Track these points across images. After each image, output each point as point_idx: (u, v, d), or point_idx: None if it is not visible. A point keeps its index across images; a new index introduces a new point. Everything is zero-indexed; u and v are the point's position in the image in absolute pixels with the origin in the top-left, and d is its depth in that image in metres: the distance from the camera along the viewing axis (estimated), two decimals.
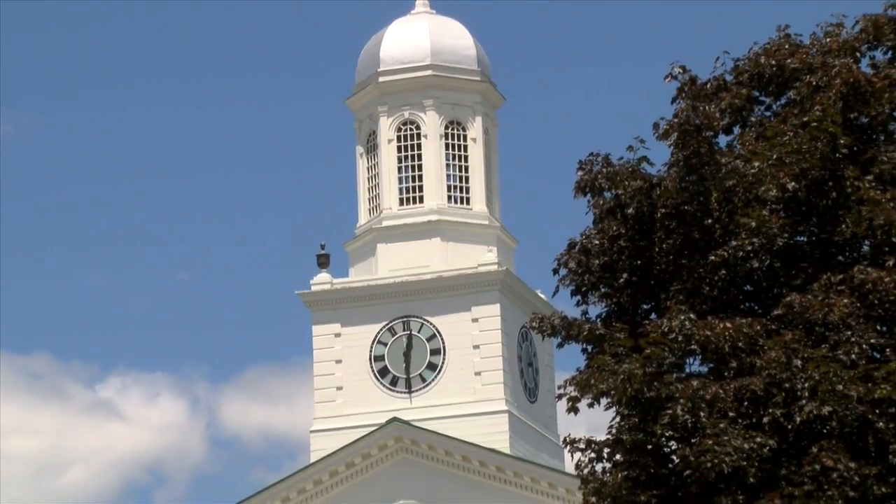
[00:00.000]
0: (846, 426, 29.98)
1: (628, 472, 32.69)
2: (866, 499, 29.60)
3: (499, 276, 73.77)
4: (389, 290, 74.51)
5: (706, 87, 35.07)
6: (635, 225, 34.19)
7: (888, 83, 33.84)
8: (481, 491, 69.58)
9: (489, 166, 78.27)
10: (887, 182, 32.63)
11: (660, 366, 31.59)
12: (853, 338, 30.81)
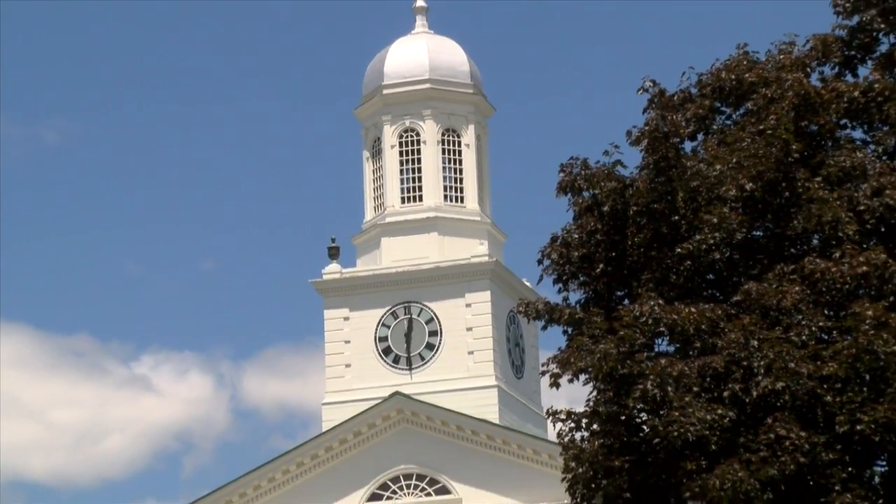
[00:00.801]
0: (797, 399, 29.93)
1: (604, 440, 32.65)
2: (815, 464, 29.55)
3: (489, 267, 73.76)
4: (392, 279, 74.45)
5: (673, 99, 35.01)
6: (610, 221, 34.15)
7: (835, 95, 33.82)
8: (473, 457, 69.49)
9: (481, 169, 78.28)
10: (834, 183, 32.58)
11: (632, 346, 31.60)
12: (804, 321, 30.81)
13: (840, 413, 29.81)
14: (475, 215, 76.90)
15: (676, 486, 30.65)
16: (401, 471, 70.41)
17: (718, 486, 29.40)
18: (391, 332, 74.18)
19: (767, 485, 29.40)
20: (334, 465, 71.05)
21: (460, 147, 77.58)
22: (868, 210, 32.12)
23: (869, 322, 30.03)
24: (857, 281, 30.97)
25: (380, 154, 77.67)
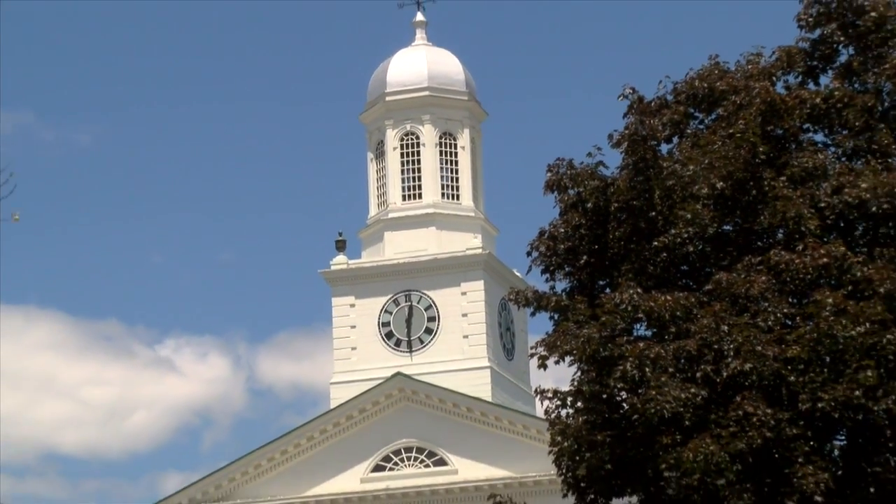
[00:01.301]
0: (764, 379, 29.94)
1: (587, 416, 32.65)
2: (780, 438, 29.57)
3: (482, 258, 73.76)
4: (394, 269, 74.44)
5: (651, 105, 35.02)
6: (593, 217, 34.17)
7: (799, 102, 33.84)
8: (468, 432, 69.46)
9: (475, 169, 78.29)
10: (797, 182, 32.62)
11: (613, 331, 31.63)
12: (769, 308, 30.84)
13: (803, 392, 29.81)
14: (470, 211, 76.94)
15: (653, 459, 30.64)
16: (402, 444, 70.40)
17: (692, 459, 29.42)
18: (393, 317, 74.23)
19: (736, 457, 29.41)
20: (341, 440, 71.05)
21: (456, 149, 77.59)
22: (828, 207, 32.14)
23: (829, 309, 30.05)
24: (818, 271, 30.98)
25: (383, 155, 77.69)
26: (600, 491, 33.31)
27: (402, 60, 78.91)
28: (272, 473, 71.32)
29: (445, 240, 75.30)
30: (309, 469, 71.05)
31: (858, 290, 30.69)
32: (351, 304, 75.08)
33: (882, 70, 34.12)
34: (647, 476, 31.39)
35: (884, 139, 33.62)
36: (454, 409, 69.97)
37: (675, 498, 30.46)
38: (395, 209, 76.48)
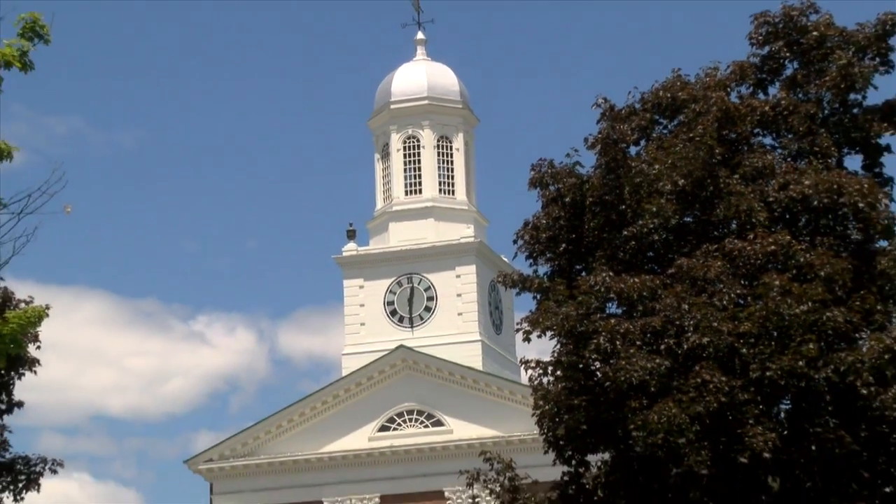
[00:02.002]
0: (719, 351, 30.00)
1: (565, 383, 32.74)
2: (733, 403, 29.64)
3: (475, 246, 73.73)
4: (398, 255, 74.42)
5: (621, 113, 35.06)
6: (571, 209, 34.23)
7: (750, 109, 33.97)
8: (462, 397, 69.47)
9: (468, 168, 78.22)
10: (749, 179, 32.73)
11: (588, 309, 31.67)
12: (724, 289, 30.89)
13: (753, 362, 29.88)
14: (463, 205, 76.87)
15: (623, 420, 30.71)
16: (404, 407, 70.42)
17: (656, 420, 29.50)
18: (397, 297, 74.23)
19: (695, 419, 29.48)
20: (351, 403, 71.08)
21: (452, 151, 77.58)
22: (776, 201, 32.22)
23: (776, 290, 30.12)
24: (766, 257, 31.05)
25: (388, 156, 77.66)
26: (577, 448, 33.40)
27: (405, 73, 78.88)
28: (291, 433, 71.37)
29: (442, 230, 75.29)
30: (323, 429, 71.10)
31: (802, 273, 30.78)
32: (360, 285, 75.07)
33: (823, 82, 34.18)
34: (618, 435, 31.46)
35: (824, 142, 33.70)
36: (450, 376, 70.01)
37: (642, 454, 30.54)
38: (398, 203, 76.45)
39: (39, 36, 17.81)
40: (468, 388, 69.84)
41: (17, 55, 17.64)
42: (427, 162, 77.02)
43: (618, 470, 32.49)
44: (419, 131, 77.31)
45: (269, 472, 70.93)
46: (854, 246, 32.72)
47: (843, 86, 34.09)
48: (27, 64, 17.81)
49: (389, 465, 69.66)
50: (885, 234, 32.96)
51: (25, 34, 17.74)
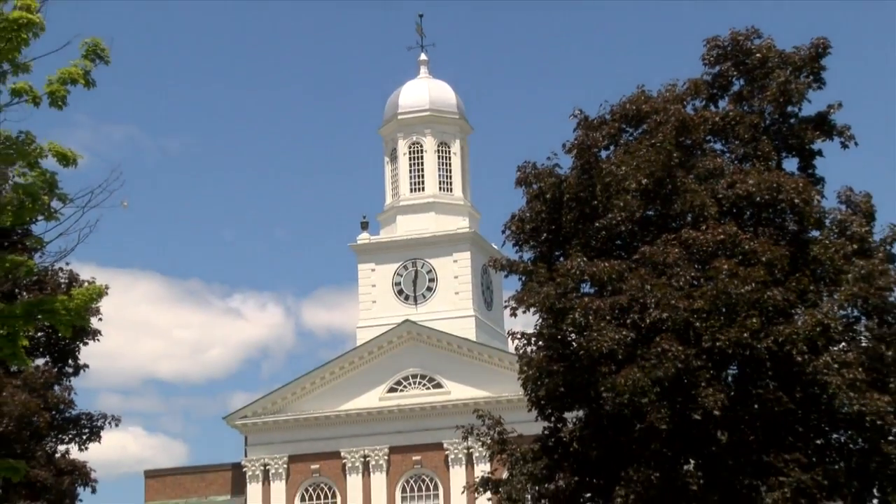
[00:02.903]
0: (676, 325, 30.01)
1: (546, 352, 32.75)
2: (688, 369, 29.69)
3: (469, 236, 73.78)
4: (404, 243, 74.45)
5: (593, 122, 35.01)
6: (551, 205, 34.20)
7: (703, 119, 33.94)
8: (458, 363, 69.50)
9: (464, 169, 78.29)
10: (702, 179, 32.75)
11: (565, 289, 31.66)
12: (681, 272, 30.87)
13: (705, 334, 29.90)
14: (460, 200, 76.94)
15: (595, 383, 30.74)
16: (409, 372, 70.46)
17: (623, 383, 29.53)
18: (403, 279, 74.27)
19: (656, 382, 29.51)
20: (364, 369, 71.11)
21: (450, 154, 77.68)
22: (725, 197, 32.24)
23: (725, 273, 30.13)
24: (716, 245, 31.06)
25: (395, 159, 77.74)
26: (555, 407, 33.45)
27: (410, 89, 78.94)
28: (314, 393, 71.43)
29: (442, 221, 75.38)
30: (341, 390, 71.16)
31: (746, 259, 30.80)
32: (372, 268, 75.14)
33: (764, 96, 34.22)
34: (590, 396, 31.49)
35: (766, 148, 33.73)
36: (448, 346, 70.05)
37: (611, 412, 30.61)
38: (404, 199, 76.54)
39: (100, 57, 17.80)
40: (464, 355, 69.91)
41: (82, 74, 17.62)
42: (429, 164, 77.24)
43: (590, 425, 32.51)
44: (422, 138, 77.51)
45: (294, 426, 71.00)
46: (791, 235, 32.75)
47: (782, 100, 34.13)
48: (90, 81, 17.78)
49: (397, 421, 69.73)
50: (817, 225, 33.02)
51: (88, 56, 17.71)
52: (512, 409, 49.81)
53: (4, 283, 33.07)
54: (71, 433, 39.27)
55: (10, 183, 18.82)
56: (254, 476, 71.01)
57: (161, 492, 74.37)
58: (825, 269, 31.95)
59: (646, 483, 29.98)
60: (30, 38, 16.77)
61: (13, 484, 32.96)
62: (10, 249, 32.58)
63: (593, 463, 32.56)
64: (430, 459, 69.10)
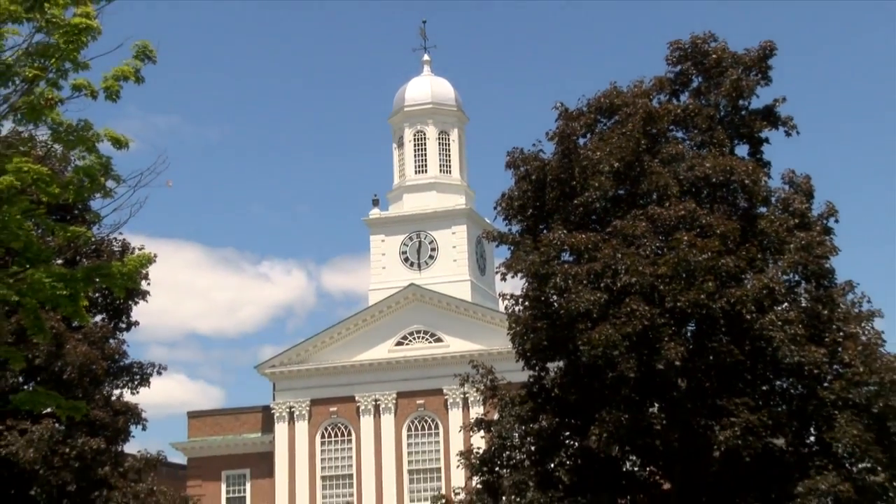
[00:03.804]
0: (643, 288, 30.06)
1: (531, 311, 32.79)
2: (653, 325, 29.70)
3: (465, 212, 73.70)
4: (410, 218, 74.39)
5: (573, 114, 34.94)
6: (536, 185, 34.19)
7: (666, 112, 33.92)
8: (456, 321, 69.53)
9: (461, 154, 78.16)
10: (666, 163, 32.75)
11: (548, 257, 31.65)
12: (647, 242, 30.92)
13: (668, 296, 29.94)
14: (457, 181, 76.83)
15: (573, 338, 30.77)
16: (414, 328, 70.50)
17: (597, 338, 29.57)
18: (408, 248, 74.25)
19: (625, 337, 29.55)
20: (375, 325, 71.16)
21: (449, 142, 77.55)
22: (685, 179, 32.25)
23: (685, 243, 30.16)
24: (678, 220, 31.09)
25: (402, 145, 77.62)
26: (539, 358, 33.51)
27: (415, 85, 78.79)
28: (332, 346, 71.52)
29: (442, 199, 75.32)
30: (355, 343, 71.26)
31: (703, 231, 30.83)
32: (382, 239, 75.11)
33: (719, 92, 34.21)
34: (569, 349, 31.53)
35: (720, 136, 33.72)
36: (447, 306, 70.08)
37: (587, 363, 30.63)
38: (409, 179, 76.43)
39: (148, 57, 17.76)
40: (461, 314, 69.95)
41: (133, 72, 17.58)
42: (431, 150, 77.19)
43: (569, 374, 32.59)
44: (425, 127, 77.43)
45: (315, 375, 71.15)
46: (741, 211, 32.78)
47: (734, 94, 34.12)
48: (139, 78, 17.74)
49: (403, 370, 69.84)
50: (764, 202, 33.08)
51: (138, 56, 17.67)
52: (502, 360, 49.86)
53: (67, 251, 33.04)
54: (124, 379, 39.32)
55: (71, 165, 18.81)
56: (280, 417, 71.18)
57: (201, 430, 74.63)
58: (771, 240, 31.99)
59: (616, 423, 30.05)
60: (88, 41, 16.73)
61: (76, 422, 33.06)
62: (71, 222, 32.57)
63: (571, 406, 32.66)
64: (431, 403, 69.26)
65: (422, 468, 69.34)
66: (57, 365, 35.31)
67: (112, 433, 37.69)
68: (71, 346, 35.79)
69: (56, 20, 16.39)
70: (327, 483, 70.59)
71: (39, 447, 34.36)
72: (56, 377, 34.74)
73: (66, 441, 35.18)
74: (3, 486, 34.88)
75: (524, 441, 33.60)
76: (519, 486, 32.30)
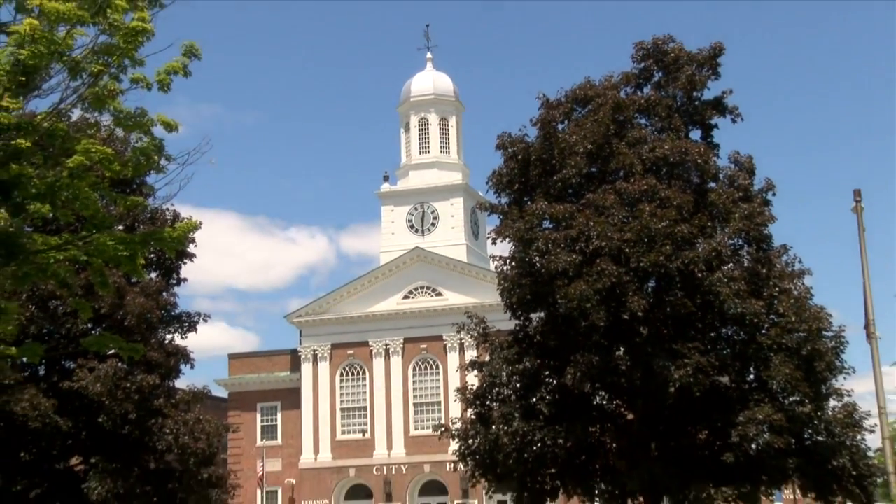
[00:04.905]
0: (612, 251, 30.04)
1: (517, 270, 32.80)
2: (620, 283, 29.68)
3: (462, 186, 73.60)
4: (415, 191, 74.31)
5: (553, 103, 34.86)
6: (521, 163, 34.14)
7: (632, 102, 33.82)
8: (454, 278, 69.60)
9: (458, 137, 77.96)
10: (631, 145, 32.65)
11: (532, 225, 31.63)
12: (615, 212, 30.85)
13: (632, 257, 29.95)
14: (455, 160, 76.70)
15: (552, 293, 30.85)
16: (419, 284, 70.60)
17: (573, 293, 29.65)
18: (414, 217, 74.19)
19: (597, 292, 29.63)
20: (385, 282, 71.24)
21: (448, 127, 77.34)
22: (647, 159, 32.20)
23: (647, 213, 30.17)
24: (641, 193, 31.07)
25: (409, 130, 77.43)
26: (524, 310, 33.54)
27: (419, 79, 78.53)
28: (349, 299, 71.64)
29: (442, 176, 75.25)
30: (369, 297, 71.38)
31: (662, 203, 30.79)
32: (391, 209, 75.01)
33: (676, 85, 34.12)
34: (549, 302, 31.59)
35: (677, 122, 33.69)
36: (446, 265, 70.15)
37: (564, 314, 30.69)
38: (415, 159, 76.31)
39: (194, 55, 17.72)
40: (458, 272, 70.04)
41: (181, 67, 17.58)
42: (433, 134, 77.08)
43: (549, 323, 32.66)
44: (428, 115, 77.24)
45: (335, 323, 71.35)
46: (694, 186, 32.76)
47: (689, 87, 34.04)
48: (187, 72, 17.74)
49: (409, 319, 70.04)
50: (714, 178, 33.07)
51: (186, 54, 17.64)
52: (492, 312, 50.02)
53: (127, 218, 33.15)
54: (175, 326, 39.45)
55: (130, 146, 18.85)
56: (306, 358, 71.46)
57: (240, 369, 75.04)
58: (719, 210, 32.02)
59: (588, 364, 30.19)
60: (143, 41, 16.71)
61: (135, 361, 33.23)
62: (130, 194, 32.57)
63: (551, 350, 32.77)
64: (433, 347, 69.48)
65: (424, 402, 69.71)
66: (119, 314, 35.45)
67: (165, 371, 37.89)
68: (131, 298, 35.92)
69: (117, 24, 16.37)
70: (345, 414, 71.00)
71: (105, 382, 34.61)
72: (118, 324, 34.88)
73: (127, 377, 35.40)
74: (76, 415, 35.12)
75: (511, 379, 33.73)
76: (506, 416, 32.48)
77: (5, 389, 33.12)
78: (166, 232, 18.78)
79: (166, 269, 39.93)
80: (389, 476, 68.54)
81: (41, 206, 16.75)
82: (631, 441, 31.86)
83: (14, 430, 34.17)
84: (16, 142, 15.81)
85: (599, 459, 32.37)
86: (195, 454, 37.00)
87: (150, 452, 36.26)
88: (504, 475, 32.72)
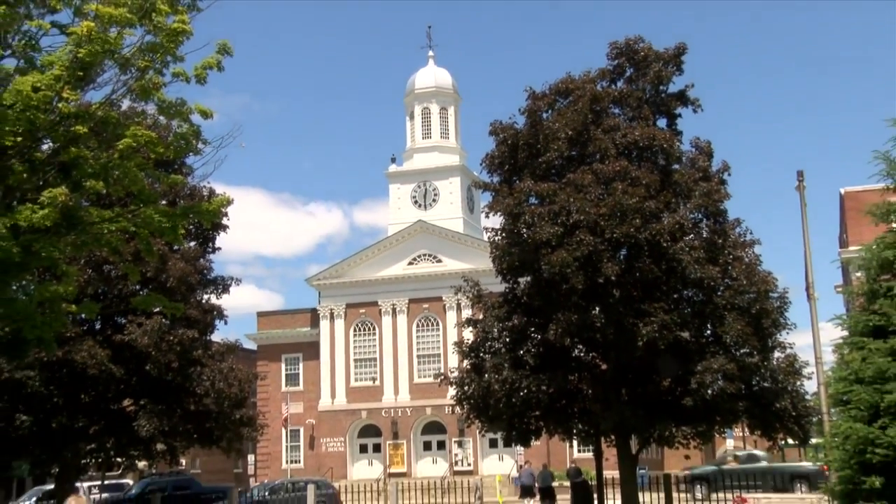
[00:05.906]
0: (589, 223, 29.90)
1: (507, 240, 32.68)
2: (596, 251, 29.57)
3: (459, 167, 73.67)
4: (419, 172, 74.39)
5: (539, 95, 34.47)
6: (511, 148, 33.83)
7: (605, 93, 33.52)
8: (453, 246, 69.83)
9: (457, 125, 77.89)
10: (606, 132, 32.33)
11: (520, 201, 31.48)
12: (592, 190, 30.66)
13: (607, 229, 29.82)
14: (453, 144, 76.67)
15: (538, 260, 30.71)
16: (421, 252, 70.77)
17: (555, 260, 29.56)
18: (417, 194, 74.23)
19: (576, 259, 29.57)
20: (392, 250, 71.41)
21: (448, 116, 77.25)
22: (621, 143, 32.02)
23: (620, 191, 30.01)
24: (615, 174, 30.91)
25: (413, 118, 77.32)
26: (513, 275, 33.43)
27: (422, 73, 78.34)
28: (361, 265, 71.81)
29: (442, 158, 75.25)
30: (379, 262, 71.53)
31: (633, 182, 30.54)
32: (398, 187, 75.10)
33: (645, 80, 33.85)
34: (535, 268, 31.55)
35: (646, 112, 33.45)
36: (446, 236, 70.28)
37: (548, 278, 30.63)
38: (418, 143, 76.29)
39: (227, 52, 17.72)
40: (456, 242, 70.21)
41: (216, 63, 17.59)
42: (434, 121, 77.05)
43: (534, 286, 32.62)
44: (430, 105, 77.14)
45: (350, 286, 71.56)
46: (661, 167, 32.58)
47: (656, 82, 33.78)
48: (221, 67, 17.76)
49: (413, 283, 70.25)
50: (677, 161, 32.87)
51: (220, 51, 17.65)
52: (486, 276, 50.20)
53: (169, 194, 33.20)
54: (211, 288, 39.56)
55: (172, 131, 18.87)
56: (324, 316, 71.73)
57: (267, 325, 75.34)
58: (681, 188, 31.91)
59: (568, 322, 30.23)
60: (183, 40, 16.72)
61: (177, 318, 33.40)
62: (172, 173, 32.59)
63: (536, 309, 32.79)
64: (434, 307, 69.72)
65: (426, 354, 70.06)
66: (163, 276, 35.56)
67: (203, 326, 38.06)
68: (172, 263, 36.02)
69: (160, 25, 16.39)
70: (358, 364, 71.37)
71: (151, 335, 34.80)
72: (162, 286, 34.99)
73: (170, 331, 35.60)
74: (127, 363, 35.37)
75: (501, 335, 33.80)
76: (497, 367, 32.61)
77: (67, 341, 33.34)
78: (203, 206, 18.86)
79: (203, 238, 39.99)
80: (396, 417, 69.07)
81: (96, 184, 16.84)
82: (605, 388, 32.04)
83: (75, 376, 34.45)
84: (74, 128, 15.90)
85: (577, 403, 32.53)
86: (229, 398, 37.26)
87: (190, 396, 36.53)
88: (495, 417, 32.91)
